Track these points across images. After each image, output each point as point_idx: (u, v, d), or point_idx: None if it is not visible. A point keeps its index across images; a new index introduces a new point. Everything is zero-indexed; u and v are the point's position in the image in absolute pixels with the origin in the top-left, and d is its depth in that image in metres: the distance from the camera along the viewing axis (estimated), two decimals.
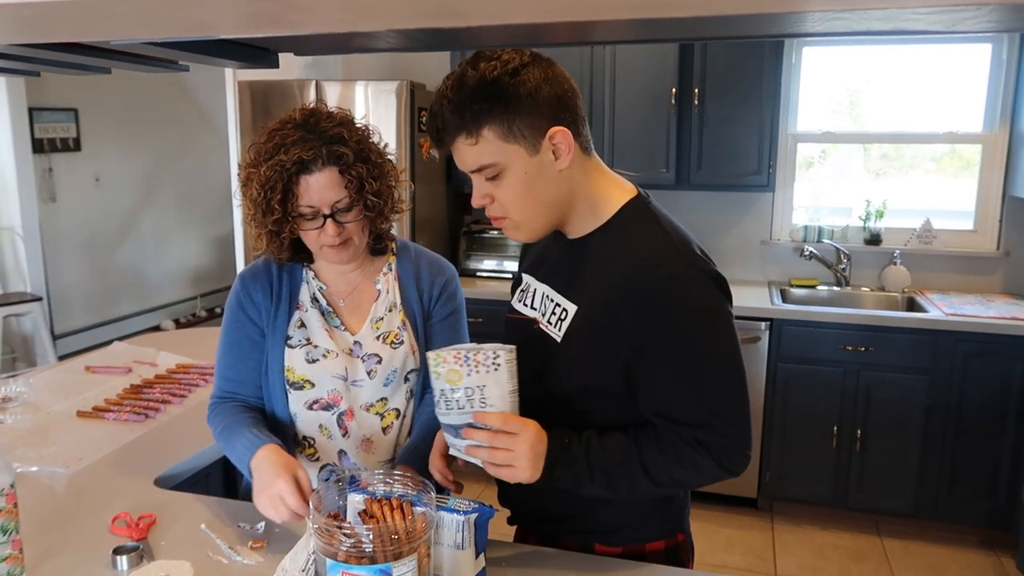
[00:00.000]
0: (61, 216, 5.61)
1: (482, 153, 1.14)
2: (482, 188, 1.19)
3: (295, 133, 1.34)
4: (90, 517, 1.43)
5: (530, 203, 1.18)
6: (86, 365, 2.35)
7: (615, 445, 1.18)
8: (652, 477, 1.17)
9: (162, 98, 6.30)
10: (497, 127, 1.12)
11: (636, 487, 1.19)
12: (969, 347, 3.01)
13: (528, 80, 1.11)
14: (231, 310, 1.52)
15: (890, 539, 3.23)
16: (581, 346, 1.20)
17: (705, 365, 1.16)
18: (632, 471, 1.17)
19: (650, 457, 1.17)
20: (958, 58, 3.54)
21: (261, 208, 1.36)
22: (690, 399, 1.16)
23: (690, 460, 1.16)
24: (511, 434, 1.13)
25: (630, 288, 1.15)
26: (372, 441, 1.51)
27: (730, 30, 0.86)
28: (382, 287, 1.54)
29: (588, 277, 1.22)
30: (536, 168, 1.15)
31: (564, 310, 1.24)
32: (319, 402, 1.48)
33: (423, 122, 3.51)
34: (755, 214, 3.80)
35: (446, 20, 0.55)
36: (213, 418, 1.51)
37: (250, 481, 1.51)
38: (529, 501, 1.38)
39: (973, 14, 0.68)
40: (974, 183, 3.57)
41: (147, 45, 0.73)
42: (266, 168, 1.33)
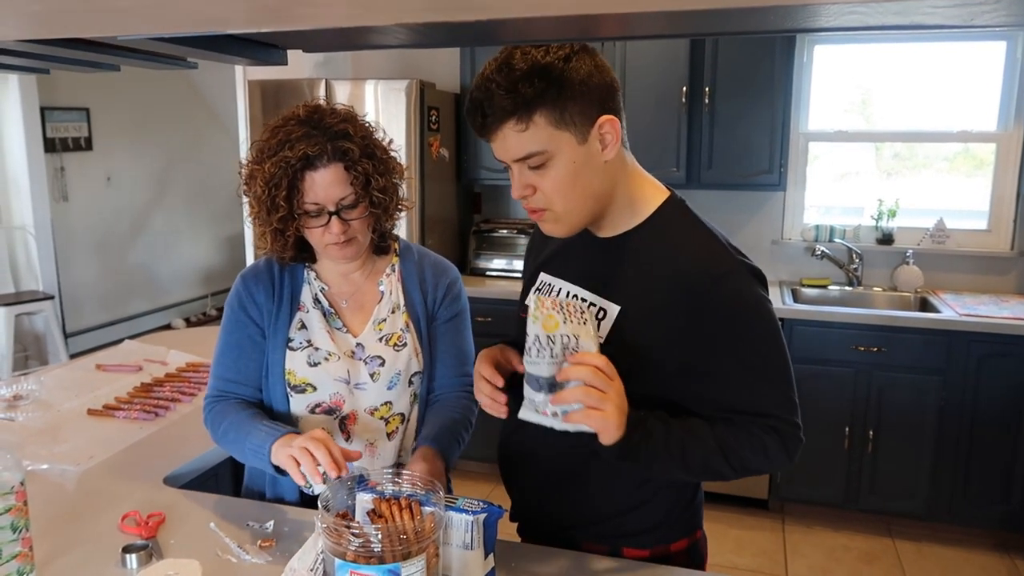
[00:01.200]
0: (73, 215, 5.64)
1: (531, 140, 1.11)
2: (525, 178, 1.15)
3: (299, 129, 1.33)
4: (100, 515, 1.43)
5: (576, 194, 1.15)
6: (97, 363, 2.36)
7: (687, 424, 1.17)
8: (727, 456, 1.16)
9: (173, 97, 6.33)
10: (550, 113, 1.09)
11: (710, 465, 1.17)
12: (983, 348, 2.98)
13: (581, 67, 1.10)
14: (232, 309, 1.50)
15: (902, 541, 3.20)
16: (630, 347, 1.17)
17: (763, 358, 1.18)
18: (708, 447, 1.16)
19: (724, 439, 1.16)
20: (972, 56, 3.51)
21: (266, 206, 1.34)
22: (753, 392, 1.18)
23: (760, 443, 1.17)
24: (609, 377, 1.09)
25: (685, 287, 1.15)
26: (376, 446, 1.48)
27: (744, 24, 0.85)
28: (385, 288, 1.53)
29: (631, 277, 1.20)
30: (584, 158, 1.13)
31: (602, 311, 1.21)
32: (321, 406, 1.46)
33: (432, 121, 3.51)
34: (766, 213, 3.78)
35: (456, 14, 0.54)
36: (213, 417, 1.47)
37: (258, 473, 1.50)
38: (551, 512, 1.35)
39: (992, 7, 0.66)
40: (988, 182, 3.53)
41: (155, 41, 0.72)
42: (270, 165, 1.31)
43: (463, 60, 3.69)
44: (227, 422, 1.44)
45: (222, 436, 1.45)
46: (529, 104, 1.08)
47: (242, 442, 1.39)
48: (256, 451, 1.36)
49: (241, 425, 1.40)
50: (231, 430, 1.42)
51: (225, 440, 1.45)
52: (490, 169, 3.74)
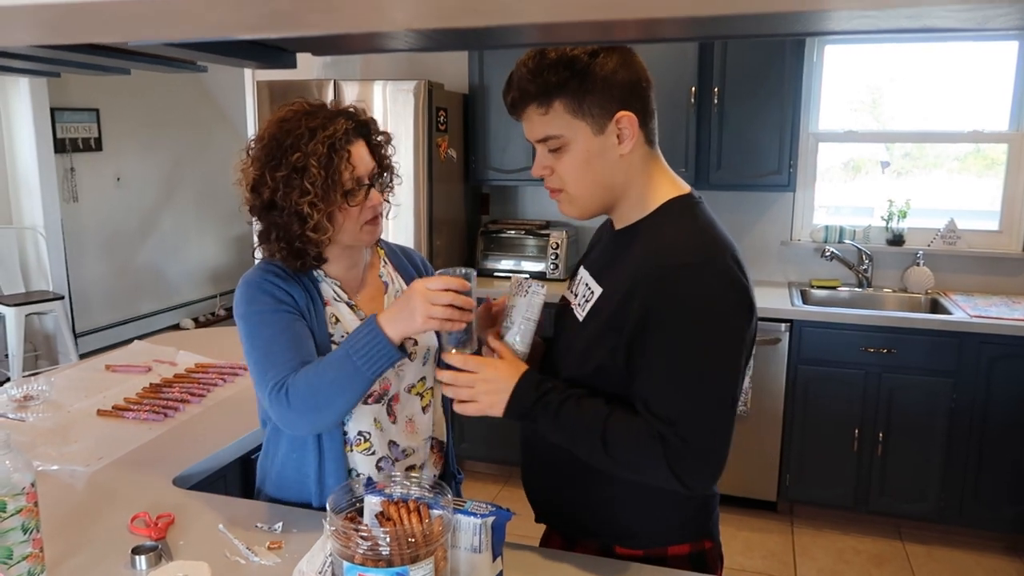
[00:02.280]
0: (83, 215, 5.67)
1: (549, 124, 1.19)
2: (544, 159, 1.24)
3: (318, 115, 1.36)
4: (109, 516, 1.44)
5: (587, 181, 1.22)
6: (106, 364, 2.37)
7: (592, 407, 1.20)
8: (609, 452, 1.18)
9: (182, 98, 6.35)
10: (568, 101, 1.17)
11: (594, 455, 1.20)
12: (994, 350, 2.96)
13: (606, 63, 1.16)
14: (265, 304, 1.38)
15: (912, 544, 3.18)
16: (596, 325, 1.24)
17: (691, 365, 1.14)
18: (592, 437, 1.18)
19: (614, 432, 1.17)
20: (984, 56, 3.48)
21: (323, 183, 1.32)
22: (665, 392, 1.15)
23: (647, 450, 1.15)
24: (470, 373, 1.23)
25: (644, 272, 1.17)
26: (414, 421, 1.52)
27: (756, 28, 0.84)
28: (386, 278, 1.57)
29: (617, 263, 1.26)
30: (598, 148, 1.20)
31: (591, 292, 1.28)
32: (372, 395, 1.45)
33: (440, 122, 3.51)
34: (775, 214, 3.76)
35: (465, 20, 0.54)
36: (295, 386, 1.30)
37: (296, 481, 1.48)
38: (552, 499, 1.40)
39: (1006, 11, 0.66)
40: (1000, 183, 3.51)
41: (164, 46, 0.73)
42: (319, 145, 1.32)
43: (471, 61, 3.68)
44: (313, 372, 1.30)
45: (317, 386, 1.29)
46: (550, 91, 1.16)
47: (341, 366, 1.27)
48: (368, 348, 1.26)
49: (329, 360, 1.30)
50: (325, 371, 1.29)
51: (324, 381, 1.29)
52: (498, 170, 3.74)
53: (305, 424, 1.35)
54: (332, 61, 3.72)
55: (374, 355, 1.27)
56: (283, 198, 1.34)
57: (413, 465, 1.51)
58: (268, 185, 1.34)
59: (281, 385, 1.32)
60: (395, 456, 1.48)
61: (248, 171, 1.38)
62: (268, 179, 1.34)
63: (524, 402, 1.22)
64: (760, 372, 3.21)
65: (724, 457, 1.16)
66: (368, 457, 1.46)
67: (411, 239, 3.49)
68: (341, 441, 1.44)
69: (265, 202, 1.36)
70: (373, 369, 1.28)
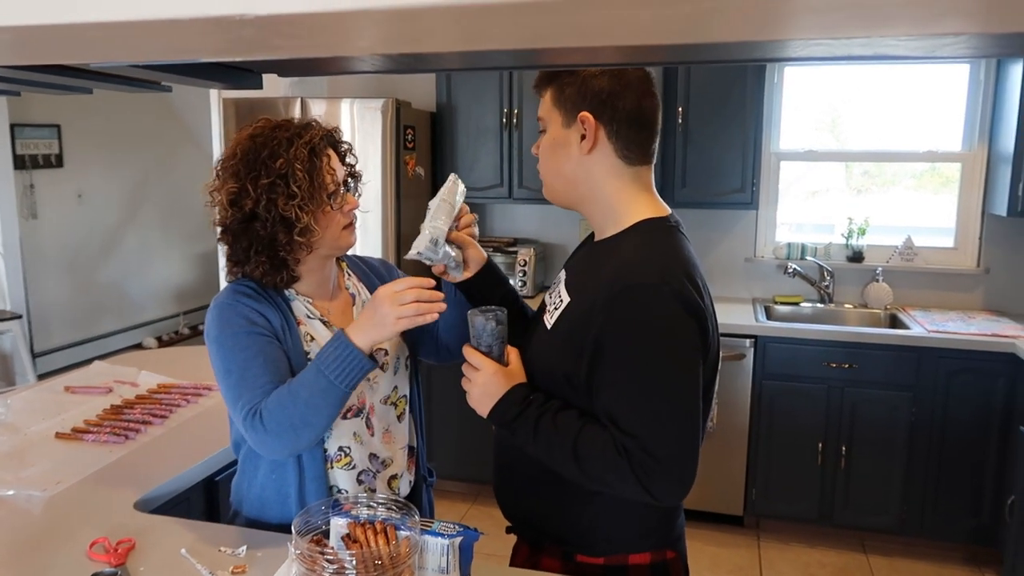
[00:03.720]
0: (43, 233, 5.55)
1: (541, 107, 1.34)
2: (538, 137, 1.37)
3: (288, 127, 1.39)
4: (67, 542, 1.40)
5: (551, 167, 1.34)
6: (65, 385, 2.32)
7: (565, 422, 1.23)
8: (581, 467, 1.20)
9: (146, 115, 6.28)
10: (555, 90, 1.30)
11: (568, 469, 1.23)
12: (951, 364, 3.03)
13: (593, 69, 1.27)
14: (239, 327, 1.36)
15: (876, 556, 3.23)
16: (560, 336, 1.29)
17: (647, 379, 1.17)
18: (565, 452, 1.21)
19: (584, 446, 1.20)
20: (937, 78, 3.59)
21: (309, 187, 1.35)
22: (627, 406, 1.18)
23: (613, 464, 1.17)
24: (472, 367, 1.30)
25: (606, 287, 1.20)
26: (391, 431, 1.53)
27: (714, 55, 0.86)
28: (352, 290, 1.58)
29: (587, 277, 1.32)
30: (563, 139, 1.30)
31: (562, 300, 1.33)
32: (351, 410, 1.45)
33: (408, 139, 3.52)
34: (739, 232, 3.82)
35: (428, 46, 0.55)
36: (269, 410, 1.29)
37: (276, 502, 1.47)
38: (519, 504, 1.43)
39: (952, 41, 0.68)
40: (954, 201, 3.61)
41: (128, 67, 0.72)
42: (300, 151, 1.35)
43: (439, 80, 3.70)
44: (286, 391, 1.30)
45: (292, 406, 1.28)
46: (547, 80, 1.32)
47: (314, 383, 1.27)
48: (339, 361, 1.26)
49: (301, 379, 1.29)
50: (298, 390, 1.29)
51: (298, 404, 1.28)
52: (467, 187, 3.74)
53: (283, 447, 1.33)
54: (299, 80, 3.71)
55: (346, 367, 1.28)
56: (267, 207, 1.34)
57: (395, 475, 1.52)
58: (251, 196, 1.34)
59: (255, 411, 1.30)
60: (375, 468, 1.49)
61: (224, 188, 1.37)
62: (250, 190, 1.34)
63: (506, 414, 1.27)
64: (725, 387, 3.25)
65: (692, 468, 1.18)
66: (349, 472, 1.46)
67: (379, 256, 3.47)
68: (322, 459, 1.43)
69: (247, 214, 1.35)
70: (346, 382, 1.28)
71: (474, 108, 3.64)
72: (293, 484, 1.42)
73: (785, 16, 0.48)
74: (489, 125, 3.62)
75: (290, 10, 0.44)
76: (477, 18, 0.48)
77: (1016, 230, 3.49)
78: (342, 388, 1.28)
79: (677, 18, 0.47)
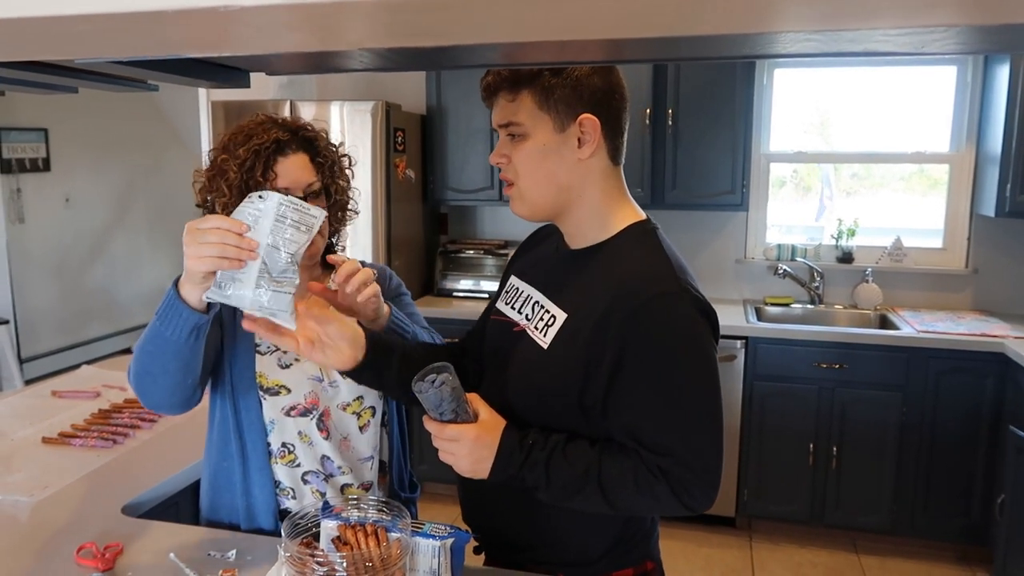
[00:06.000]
0: (30, 237, 5.51)
1: (514, 111, 1.19)
2: (504, 146, 1.23)
3: (264, 124, 1.39)
4: (55, 548, 1.39)
5: (539, 176, 1.21)
6: (53, 390, 2.29)
7: (578, 456, 1.15)
8: (608, 497, 1.15)
9: (135, 118, 6.24)
10: (537, 93, 1.17)
11: (590, 503, 1.16)
12: (941, 364, 3.04)
13: (582, 68, 1.17)
14: None
15: (867, 556, 3.24)
16: (566, 355, 1.18)
17: (681, 389, 1.14)
18: (589, 487, 1.14)
19: (609, 476, 1.14)
20: (925, 80, 3.61)
21: (239, 189, 1.35)
22: (658, 422, 1.14)
23: (647, 487, 1.13)
24: (448, 440, 1.16)
25: (619, 302, 1.14)
26: (350, 440, 1.50)
27: (703, 51, 0.86)
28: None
29: (581, 288, 1.22)
30: (556, 145, 1.19)
31: (553, 317, 1.22)
32: (296, 408, 1.44)
33: (398, 142, 3.51)
34: (729, 233, 3.83)
35: (417, 40, 0.54)
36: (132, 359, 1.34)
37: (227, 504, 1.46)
38: (497, 528, 1.35)
39: (941, 35, 0.68)
40: (942, 202, 3.63)
41: (114, 64, 0.71)
42: (243, 151, 1.35)
43: (429, 82, 3.70)
44: (139, 340, 1.32)
45: (140, 353, 1.31)
46: (521, 80, 1.17)
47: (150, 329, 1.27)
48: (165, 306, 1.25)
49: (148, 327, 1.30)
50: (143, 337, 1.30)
51: (143, 352, 1.30)
52: (456, 190, 3.74)
53: (146, 397, 1.36)
54: (288, 81, 3.70)
55: (170, 314, 1.24)
56: (211, 200, 1.40)
57: (350, 484, 1.48)
58: (204, 186, 1.41)
59: None
60: (328, 472, 1.47)
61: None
62: (205, 180, 1.41)
63: (509, 467, 1.16)
64: None
65: (721, 472, 1.16)
66: (292, 469, 1.46)
67: (369, 260, 3.46)
68: (265, 451, 1.45)
69: (204, 201, 1.42)
70: (171, 329, 1.24)
71: (463, 110, 3.64)
72: (238, 472, 1.45)
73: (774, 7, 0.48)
74: (479, 127, 3.61)
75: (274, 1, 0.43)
76: (460, 10, 0.47)
77: (1004, 230, 3.51)
78: (168, 335, 1.24)
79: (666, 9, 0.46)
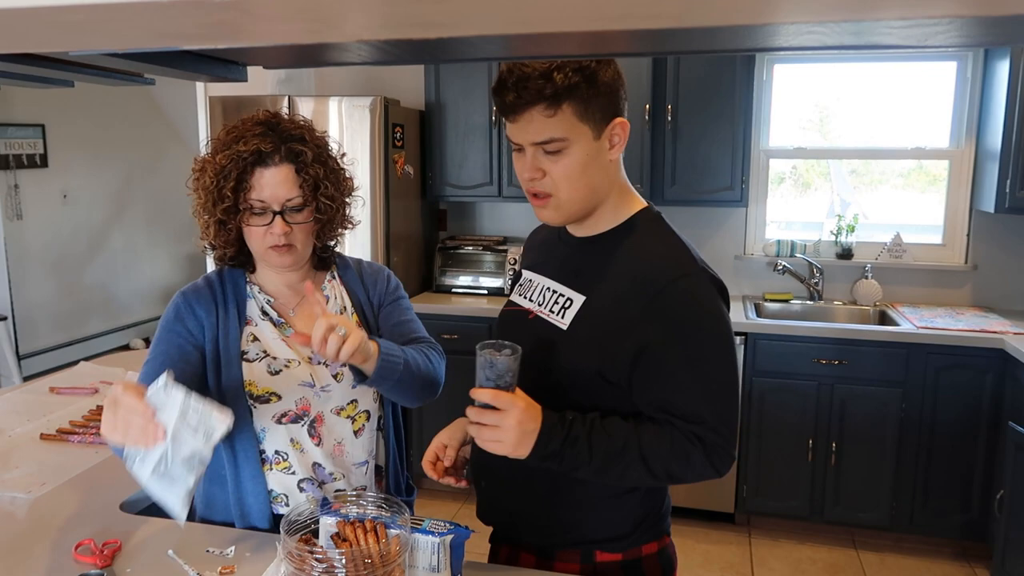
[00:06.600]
0: (27, 233, 5.50)
1: (556, 126, 1.18)
2: (538, 161, 1.22)
3: (256, 129, 1.37)
4: (53, 544, 1.38)
5: (580, 185, 1.22)
6: (51, 386, 2.29)
7: (616, 429, 1.20)
8: (649, 466, 1.19)
9: (132, 114, 6.23)
10: (577, 104, 1.17)
11: (629, 474, 1.20)
12: (940, 359, 3.04)
13: (608, 70, 1.19)
14: (166, 320, 1.44)
15: (866, 552, 3.24)
16: (589, 334, 1.23)
17: (707, 363, 1.20)
18: (630, 458, 1.19)
19: (648, 446, 1.19)
20: (924, 76, 3.60)
21: (213, 196, 1.36)
22: (690, 394, 1.19)
23: (684, 454, 1.19)
24: (499, 410, 1.14)
25: (645, 283, 1.20)
26: (344, 445, 1.48)
27: (705, 43, 0.86)
28: (329, 292, 1.54)
29: (599, 272, 1.27)
30: (594, 152, 1.21)
31: (569, 300, 1.28)
32: (288, 415, 1.42)
33: (397, 138, 3.50)
34: (728, 229, 3.83)
35: (416, 31, 0.54)
36: None
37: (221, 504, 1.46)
38: (523, 515, 1.36)
39: (944, 28, 0.68)
40: (942, 198, 3.63)
41: (109, 57, 0.71)
42: (222, 157, 1.34)
43: (427, 77, 3.68)
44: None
45: None
46: (561, 93, 1.16)
47: None
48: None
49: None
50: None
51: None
52: (455, 186, 3.74)
53: None
54: (287, 77, 3.69)
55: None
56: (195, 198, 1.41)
57: (343, 489, 1.46)
58: (191, 184, 1.42)
59: None
60: (320, 479, 1.45)
61: None
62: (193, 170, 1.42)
63: (551, 443, 1.17)
64: None
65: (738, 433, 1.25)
66: (288, 477, 1.44)
67: (368, 256, 3.46)
68: (257, 459, 1.42)
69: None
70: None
71: (462, 106, 3.63)
72: (231, 481, 1.43)
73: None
74: (478, 123, 3.60)
75: None
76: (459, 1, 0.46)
77: (1004, 226, 3.51)
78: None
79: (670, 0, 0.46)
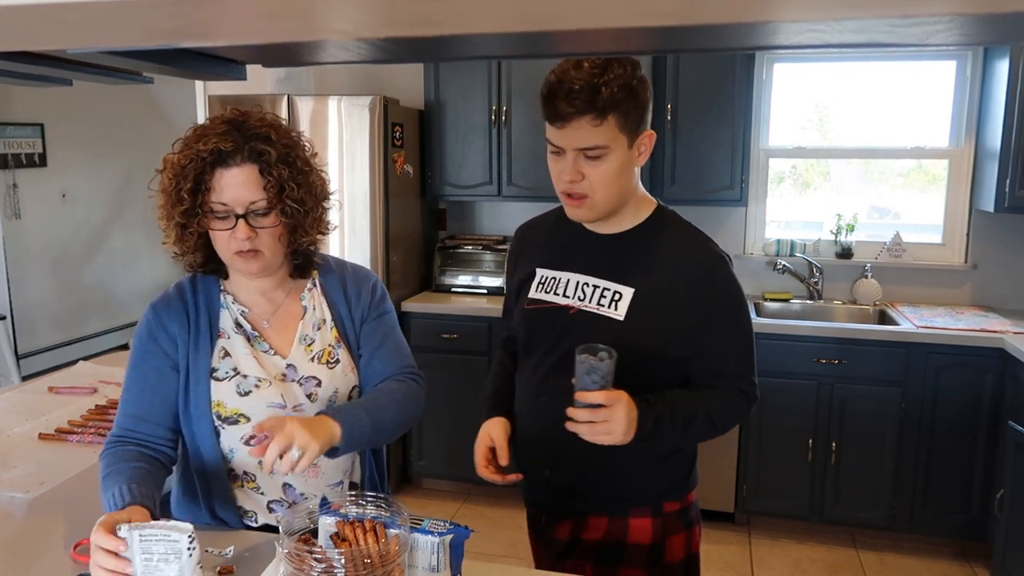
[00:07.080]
0: (26, 233, 5.49)
1: (601, 135, 1.32)
2: (580, 165, 1.36)
3: (220, 127, 1.30)
4: (52, 544, 1.38)
5: (614, 188, 1.38)
6: (49, 386, 2.29)
7: (685, 401, 1.41)
8: (714, 424, 1.43)
9: (132, 113, 6.22)
10: (620, 116, 1.32)
11: (700, 435, 1.45)
12: (940, 359, 3.04)
13: (644, 86, 1.35)
14: (140, 339, 1.39)
15: (866, 551, 3.24)
16: (647, 320, 1.40)
17: (743, 330, 1.47)
18: (700, 421, 1.41)
19: (716, 409, 1.43)
20: (924, 75, 3.60)
21: (171, 197, 1.30)
22: (735, 358, 1.46)
23: (732, 407, 1.45)
24: (609, 407, 1.29)
25: (685, 273, 1.41)
26: (319, 466, 1.42)
27: (706, 42, 0.85)
28: (307, 303, 1.46)
29: (642, 265, 1.43)
30: (627, 159, 1.38)
31: (618, 293, 1.42)
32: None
33: (396, 137, 3.50)
34: (728, 229, 3.82)
35: (416, 29, 0.53)
36: (103, 460, 1.34)
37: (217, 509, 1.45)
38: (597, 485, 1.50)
39: (945, 26, 0.68)
40: (941, 197, 3.62)
41: (107, 55, 0.70)
42: (180, 156, 1.29)
43: (427, 76, 3.68)
44: (105, 473, 1.30)
45: (101, 484, 1.30)
46: (608, 106, 1.30)
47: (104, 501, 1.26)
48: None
49: (109, 481, 1.27)
50: (103, 483, 1.29)
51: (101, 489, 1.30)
52: (455, 185, 3.73)
53: None
54: (286, 76, 3.68)
55: None
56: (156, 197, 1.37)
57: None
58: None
59: (109, 444, 1.36)
60: (291, 499, 1.42)
61: None
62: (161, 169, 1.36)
63: (646, 424, 1.34)
64: None
65: None
66: (258, 496, 1.43)
67: (367, 255, 3.46)
68: (225, 478, 1.40)
69: None
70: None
71: (462, 105, 3.62)
72: (202, 496, 1.41)
73: None
74: (477, 122, 3.60)
75: None
76: None
77: (1003, 226, 3.50)
78: None
79: None
